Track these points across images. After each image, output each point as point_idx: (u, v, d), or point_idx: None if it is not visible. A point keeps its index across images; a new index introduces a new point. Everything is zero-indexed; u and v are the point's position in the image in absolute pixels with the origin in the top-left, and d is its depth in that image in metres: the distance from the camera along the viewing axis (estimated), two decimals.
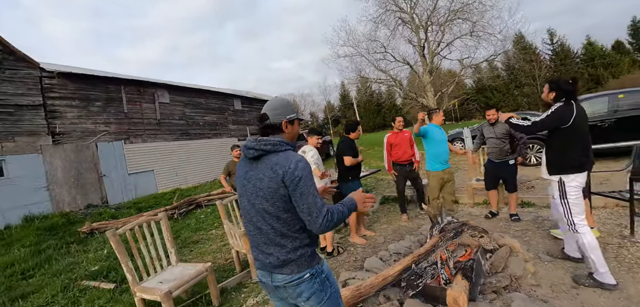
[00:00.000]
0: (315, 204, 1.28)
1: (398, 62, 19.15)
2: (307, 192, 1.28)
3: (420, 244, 3.18)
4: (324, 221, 1.28)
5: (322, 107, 49.41)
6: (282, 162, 1.30)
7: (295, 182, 1.28)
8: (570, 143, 2.42)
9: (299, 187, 1.28)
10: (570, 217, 2.44)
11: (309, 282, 1.37)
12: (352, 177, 3.96)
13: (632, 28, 35.69)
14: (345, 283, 2.72)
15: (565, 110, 2.40)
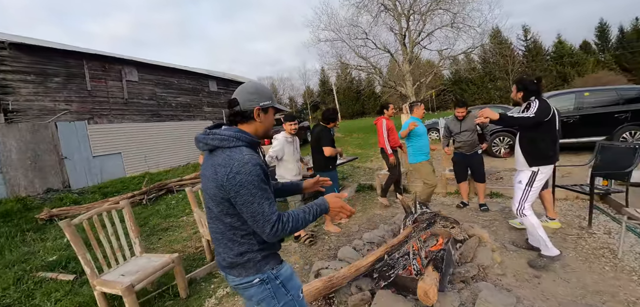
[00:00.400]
0: (261, 213, 1.15)
1: (379, 49, 19.18)
2: (251, 200, 1.14)
3: (394, 233, 3.20)
4: (273, 229, 1.16)
5: (301, 92, 48.93)
6: (224, 164, 1.16)
7: (236, 189, 1.13)
8: (547, 136, 2.63)
9: (240, 195, 1.14)
10: (523, 203, 2.69)
11: (259, 288, 1.28)
12: (332, 165, 3.93)
13: (599, 29, 37.97)
14: (318, 273, 2.69)
15: (545, 105, 2.60)
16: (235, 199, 1.15)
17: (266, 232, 1.16)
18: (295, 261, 3.27)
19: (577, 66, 35.17)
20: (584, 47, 38.21)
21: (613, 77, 25.21)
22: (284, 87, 48.29)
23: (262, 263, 1.28)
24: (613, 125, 6.71)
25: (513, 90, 2.85)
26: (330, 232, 3.93)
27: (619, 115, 6.68)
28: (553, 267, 2.61)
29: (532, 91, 2.70)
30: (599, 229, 3.24)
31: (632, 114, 6.60)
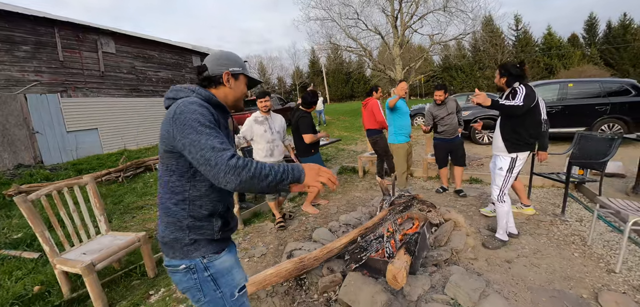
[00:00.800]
0: (211, 147, 0.95)
1: (370, 31, 18.89)
2: (197, 138, 0.96)
3: (371, 215, 3.16)
4: (230, 164, 0.92)
5: (290, 72, 48.03)
6: (171, 110, 1.07)
7: (181, 129, 0.99)
8: (530, 122, 2.61)
9: (185, 134, 0.98)
10: (504, 189, 2.69)
11: (184, 276, 1.13)
12: (314, 149, 3.82)
13: (588, 23, 38.51)
14: (291, 254, 2.62)
15: (530, 91, 2.54)
16: (181, 141, 0.99)
17: (221, 167, 0.92)
18: (270, 241, 3.20)
19: (563, 59, 35.82)
20: (572, 40, 38.79)
21: (596, 72, 25.89)
22: (273, 66, 47.25)
23: (189, 248, 1.12)
24: (593, 117, 6.85)
25: (496, 76, 2.77)
26: (309, 213, 3.86)
27: (599, 108, 6.81)
28: (525, 252, 2.63)
29: (515, 76, 2.63)
30: (571, 217, 3.30)
31: (611, 107, 6.74)
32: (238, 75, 1.22)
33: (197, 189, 1.11)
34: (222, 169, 0.92)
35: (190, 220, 1.11)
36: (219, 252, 1.17)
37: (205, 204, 1.13)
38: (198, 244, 1.12)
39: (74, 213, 2.74)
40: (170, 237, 1.11)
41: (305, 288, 2.30)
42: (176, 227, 1.11)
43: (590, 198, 3.76)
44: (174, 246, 1.12)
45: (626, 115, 6.64)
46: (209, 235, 1.14)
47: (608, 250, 2.61)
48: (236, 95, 1.24)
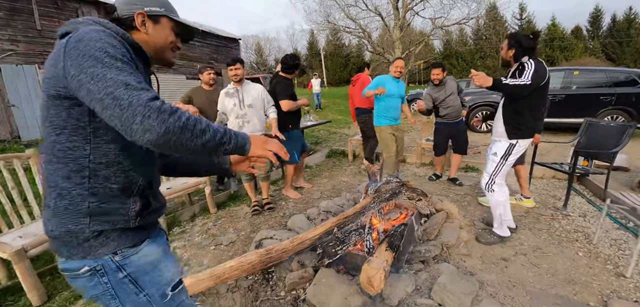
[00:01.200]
0: (124, 82, 0.67)
1: (370, 11, 18.19)
2: (102, 72, 0.67)
3: (355, 203, 2.85)
4: (153, 113, 0.66)
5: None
6: (63, 42, 0.74)
7: (77, 62, 0.69)
8: (535, 105, 2.25)
9: (84, 69, 0.68)
10: (494, 177, 2.37)
11: (89, 280, 0.82)
12: (292, 125, 3.34)
13: (592, 15, 37.72)
14: (260, 243, 2.31)
15: (541, 67, 2.16)
16: (77, 77, 0.68)
17: (137, 108, 0.65)
18: (242, 227, 2.88)
19: (565, 51, 35.23)
20: (576, 32, 38.06)
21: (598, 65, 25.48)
22: (270, 47, 46.02)
23: (92, 243, 0.80)
24: (597, 107, 6.54)
25: (503, 47, 2.36)
26: (289, 197, 3.54)
27: (604, 98, 6.49)
28: (523, 249, 2.35)
29: (526, 49, 2.22)
30: (574, 211, 3.01)
31: (617, 98, 6.43)
32: (158, 17, 0.92)
33: (102, 152, 0.78)
34: (140, 110, 0.65)
35: (92, 201, 0.78)
36: (137, 245, 0.87)
37: (114, 175, 0.81)
38: (105, 236, 0.81)
39: (13, 190, 2.39)
40: (62, 229, 0.78)
41: (272, 283, 2.00)
42: (70, 214, 0.77)
43: (594, 191, 3.48)
44: (69, 241, 0.80)
45: (632, 107, 6.34)
46: (122, 223, 0.83)
47: (616, 250, 2.32)
48: (157, 45, 0.94)
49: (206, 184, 3.19)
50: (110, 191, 0.80)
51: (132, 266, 0.85)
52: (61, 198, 0.77)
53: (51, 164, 0.78)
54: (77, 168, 0.77)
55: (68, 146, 0.76)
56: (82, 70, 0.68)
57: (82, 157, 0.76)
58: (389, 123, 3.54)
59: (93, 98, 0.67)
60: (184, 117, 0.70)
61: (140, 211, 0.86)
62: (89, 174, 0.77)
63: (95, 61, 0.68)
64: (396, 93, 3.53)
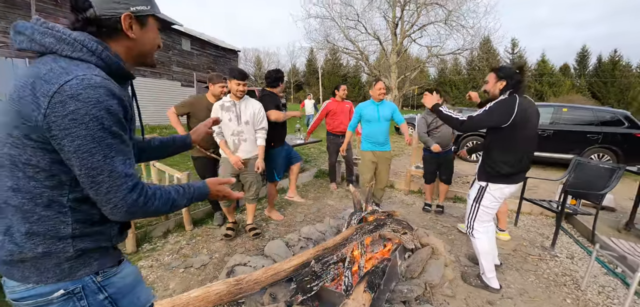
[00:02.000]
0: (110, 171, 0.70)
1: (369, 34, 18.59)
2: (93, 149, 0.67)
3: (338, 230, 2.72)
4: (129, 200, 0.73)
5: (286, 70, 47.36)
6: (48, 79, 0.66)
7: (65, 124, 0.65)
8: (506, 146, 2.02)
9: (71, 135, 0.66)
10: (472, 221, 2.20)
11: (63, 304, 0.75)
12: (275, 143, 3.18)
13: (580, 55, 39.46)
14: (233, 270, 2.15)
15: (506, 106, 1.96)
16: (60, 141, 0.66)
17: (115, 203, 0.71)
18: (217, 249, 2.71)
19: (554, 86, 36.52)
20: (564, 69, 39.64)
21: (584, 102, 26.40)
22: (269, 61, 46.41)
23: (73, 263, 0.76)
24: (584, 145, 6.64)
25: (490, 80, 2.14)
26: (272, 218, 3.38)
27: (591, 136, 6.60)
28: (510, 292, 2.24)
29: (516, 82, 2.06)
30: (561, 252, 2.94)
31: (604, 137, 6.54)
32: (146, 18, 0.83)
33: (81, 194, 0.76)
34: (114, 201, 0.72)
35: (75, 226, 0.76)
36: (116, 264, 0.86)
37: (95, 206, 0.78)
38: (88, 256, 0.78)
39: None
40: (36, 251, 0.72)
41: None
42: (48, 238, 0.73)
43: (581, 232, 3.43)
44: (42, 264, 0.73)
45: (617, 147, 6.45)
46: (105, 241, 0.82)
47: (604, 298, 2.24)
48: (144, 49, 0.86)
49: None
50: (93, 217, 0.78)
51: (113, 287, 0.82)
52: (39, 223, 0.72)
53: (20, 191, 0.71)
54: (58, 201, 0.73)
55: (47, 185, 0.71)
56: (68, 137, 0.65)
57: (61, 196, 0.73)
58: (370, 148, 3.39)
59: (75, 166, 0.68)
60: (156, 202, 0.79)
61: (119, 232, 0.87)
62: (72, 204, 0.74)
63: (91, 139, 0.67)
64: (376, 117, 3.33)
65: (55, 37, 0.70)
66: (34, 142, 0.68)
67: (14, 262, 0.73)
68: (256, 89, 9.45)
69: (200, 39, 16.13)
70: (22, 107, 0.66)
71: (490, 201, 2.12)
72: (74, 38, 0.71)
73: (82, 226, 0.76)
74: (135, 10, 0.79)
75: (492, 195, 2.10)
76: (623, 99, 33.60)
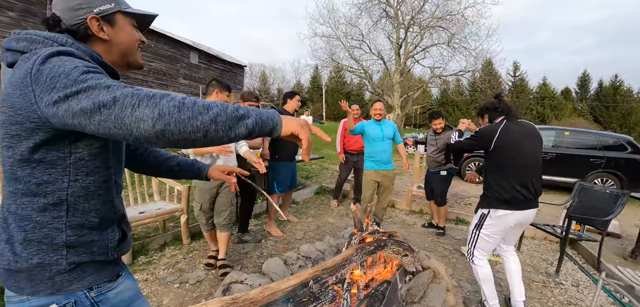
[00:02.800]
0: (105, 85, 0.60)
1: (372, 54, 18.94)
2: (82, 79, 0.60)
3: (338, 249, 2.68)
4: (142, 100, 0.57)
5: (291, 85, 48.01)
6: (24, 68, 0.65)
7: (49, 70, 0.62)
8: (498, 170, 2.02)
9: (59, 76, 0.61)
10: (472, 248, 2.17)
11: None
12: (279, 156, 3.26)
13: (581, 79, 39.85)
14: (229, 288, 2.10)
15: (486, 131, 2.05)
16: (53, 100, 0.61)
17: (126, 100, 0.58)
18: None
19: (555, 110, 36.68)
20: (565, 93, 39.91)
21: (586, 126, 26.43)
22: (274, 77, 47.18)
23: (65, 277, 0.73)
24: (587, 169, 6.59)
25: (480, 122, 2.34)
26: (271, 234, 3.34)
27: (594, 160, 6.57)
28: None
29: (493, 110, 2.12)
30: (566, 279, 2.87)
31: (607, 161, 6.51)
32: (113, 15, 0.80)
33: (81, 185, 0.74)
34: (129, 101, 0.57)
35: (70, 234, 0.73)
36: (113, 279, 0.83)
37: (94, 208, 0.77)
38: (81, 269, 0.76)
39: None
40: (31, 262, 0.70)
41: None
42: (43, 247, 0.71)
43: (586, 258, 3.36)
44: (36, 275, 0.72)
45: (621, 171, 6.40)
46: (101, 254, 0.79)
47: None
48: (123, 48, 0.83)
49: (182, 212, 3.00)
50: (90, 223, 0.76)
51: (107, 304, 0.80)
52: (34, 231, 0.70)
53: (20, 196, 0.70)
54: (54, 201, 0.71)
55: (43, 179, 0.70)
56: (57, 91, 0.60)
57: (59, 190, 0.71)
58: (373, 167, 3.38)
59: (73, 114, 0.59)
60: (179, 99, 0.60)
61: (119, 242, 0.84)
62: (67, 207, 0.72)
63: (70, 81, 0.60)
64: (379, 136, 3.34)
65: (28, 40, 0.70)
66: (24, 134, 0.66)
67: (12, 271, 0.72)
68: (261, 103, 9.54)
69: (208, 53, 16.48)
70: (10, 105, 0.65)
71: (491, 229, 2.06)
72: (44, 36, 0.71)
73: (78, 232, 0.74)
74: (98, 11, 0.78)
75: (493, 222, 2.05)
76: (625, 124, 33.62)
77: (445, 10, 16.73)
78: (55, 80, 0.61)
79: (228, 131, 0.63)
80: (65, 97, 0.59)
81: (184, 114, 0.59)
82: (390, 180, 3.41)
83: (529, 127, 2.06)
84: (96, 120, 0.58)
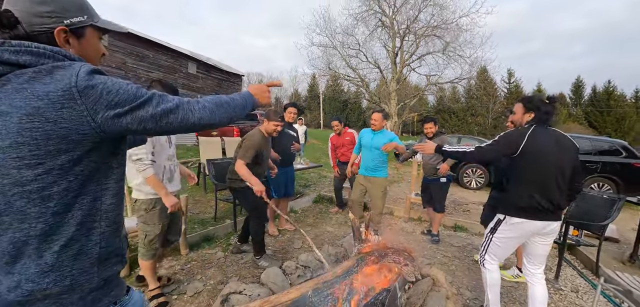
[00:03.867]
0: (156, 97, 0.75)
1: (369, 63, 19.12)
2: (133, 87, 0.73)
3: (337, 259, 2.67)
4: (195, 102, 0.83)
5: (288, 94, 48.27)
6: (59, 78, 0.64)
7: (101, 84, 0.68)
8: (519, 177, 1.91)
9: (114, 87, 0.69)
10: (484, 252, 2.12)
11: None
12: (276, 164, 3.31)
13: (575, 85, 40.41)
14: (227, 299, 2.08)
15: (512, 137, 1.91)
16: (114, 111, 0.68)
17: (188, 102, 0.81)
18: (212, 275, 2.64)
19: None
20: (559, 99, 40.36)
21: (581, 131, 26.69)
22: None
23: (96, 294, 0.74)
24: (584, 174, 6.64)
25: (518, 111, 2.08)
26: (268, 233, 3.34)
27: (590, 165, 6.62)
28: None
29: (545, 113, 1.93)
30: (565, 285, 2.87)
31: (602, 166, 6.56)
32: (83, 29, 0.76)
33: (111, 192, 0.77)
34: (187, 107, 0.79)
35: (102, 245, 0.74)
36: (126, 292, 0.86)
37: (118, 214, 0.80)
38: (108, 284, 0.78)
39: None
40: (63, 283, 0.68)
41: None
42: (79, 264, 0.70)
43: (585, 263, 3.36)
44: (66, 297, 0.69)
45: (617, 176, 6.45)
46: (119, 263, 0.81)
47: None
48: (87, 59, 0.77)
49: (182, 222, 2.98)
50: (113, 231, 0.78)
51: None
52: (67, 248, 0.68)
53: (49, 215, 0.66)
54: (88, 213, 0.71)
55: (77, 194, 0.69)
56: (119, 105, 0.68)
57: (95, 200, 0.72)
58: (361, 172, 3.54)
59: (142, 119, 0.71)
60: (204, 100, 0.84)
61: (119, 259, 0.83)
62: (100, 217, 0.73)
63: (125, 91, 0.70)
64: (369, 145, 3.45)
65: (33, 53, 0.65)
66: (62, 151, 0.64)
67: (36, 300, 0.67)
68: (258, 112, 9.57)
69: (207, 63, 16.56)
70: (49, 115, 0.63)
71: (505, 235, 1.98)
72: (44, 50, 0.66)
73: (107, 242, 0.75)
74: (69, 23, 0.73)
75: (508, 228, 1.96)
76: (620, 129, 33.97)
77: (440, 19, 17.00)
78: (112, 95, 0.68)
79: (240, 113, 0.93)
80: (131, 109, 0.70)
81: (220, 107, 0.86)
82: (378, 187, 3.40)
83: (559, 136, 1.94)
84: (164, 122, 0.74)
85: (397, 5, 17.48)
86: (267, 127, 2.83)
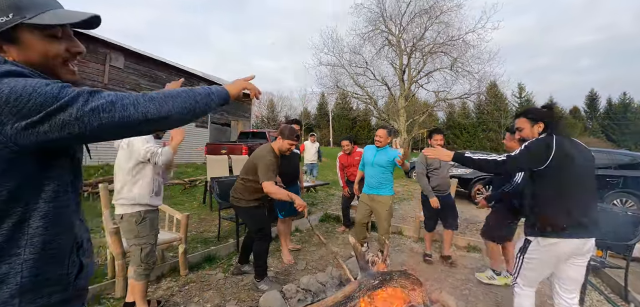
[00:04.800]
0: (59, 86, 0.59)
1: (377, 80, 19.25)
2: (36, 84, 0.58)
3: (340, 282, 2.53)
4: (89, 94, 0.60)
5: (298, 113, 48.86)
6: None
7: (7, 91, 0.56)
8: (550, 192, 1.73)
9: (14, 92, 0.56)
10: (516, 274, 1.92)
11: None
12: None
13: (589, 98, 39.50)
14: None
15: (538, 148, 1.73)
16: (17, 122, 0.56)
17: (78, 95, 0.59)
18: (210, 298, 2.54)
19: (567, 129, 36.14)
20: (574, 112, 39.42)
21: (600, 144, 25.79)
22: (282, 105, 48.14)
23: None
24: (604, 189, 6.31)
25: (525, 126, 1.92)
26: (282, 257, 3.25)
27: (611, 180, 6.30)
28: None
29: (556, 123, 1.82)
30: None
31: (624, 181, 6.23)
32: (12, 31, 0.64)
33: (38, 212, 0.65)
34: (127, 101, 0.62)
35: (25, 276, 0.63)
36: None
37: (45, 235, 0.66)
38: None
39: None
40: None
41: None
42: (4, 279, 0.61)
43: (612, 288, 3.09)
44: None
45: None
46: (59, 293, 0.69)
47: None
48: (38, 69, 0.66)
49: (180, 242, 2.92)
50: (45, 257, 0.66)
51: None
52: None
53: None
54: (11, 236, 0.62)
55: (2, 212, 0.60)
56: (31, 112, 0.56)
57: (22, 222, 0.63)
58: (365, 191, 3.40)
59: (35, 122, 0.56)
60: (127, 96, 0.64)
61: (78, 273, 0.73)
62: (25, 242, 0.63)
63: (26, 90, 0.57)
64: (371, 162, 3.33)
65: None
66: None
67: None
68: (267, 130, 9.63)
69: (219, 83, 16.98)
70: None
71: (536, 254, 1.78)
72: None
73: (34, 275, 0.63)
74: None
75: (540, 249, 1.76)
76: None
77: (446, 36, 17.06)
78: (23, 101, 0.55)
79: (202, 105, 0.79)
80: (48, 115, 0.56)
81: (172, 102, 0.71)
82: (383, 206, 3.25)
83: (578, 144, 1.83)
84: (95, 124, 0.59)
85: (403, 24, 17.70)
86: (281, 145, 2.75)
